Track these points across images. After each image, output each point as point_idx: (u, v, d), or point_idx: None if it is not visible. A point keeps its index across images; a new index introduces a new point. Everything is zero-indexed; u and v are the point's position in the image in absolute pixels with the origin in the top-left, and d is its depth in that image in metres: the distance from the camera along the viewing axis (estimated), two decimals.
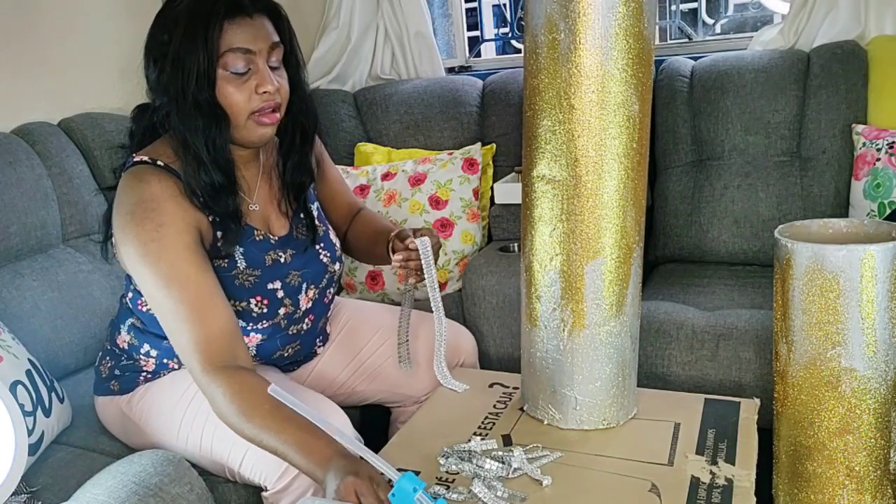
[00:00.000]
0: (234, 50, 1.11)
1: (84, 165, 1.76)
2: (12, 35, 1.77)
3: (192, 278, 1.11)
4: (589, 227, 1.09)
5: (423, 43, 2.44)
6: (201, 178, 1.13)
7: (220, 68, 1.11)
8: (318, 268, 1.31)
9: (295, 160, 1.28)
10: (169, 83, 1.11)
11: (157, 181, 1.12)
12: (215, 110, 1.12)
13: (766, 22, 2.38)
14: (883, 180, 1.74)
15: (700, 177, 2.01)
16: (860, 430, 1.05)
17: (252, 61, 1.13)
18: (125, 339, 1.30)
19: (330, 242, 1.35)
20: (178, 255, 1.10)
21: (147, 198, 1.11)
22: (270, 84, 1.13)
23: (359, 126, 2.35)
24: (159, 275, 1.10)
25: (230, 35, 1.10)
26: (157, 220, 1.10)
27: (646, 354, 1.56)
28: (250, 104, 1.13)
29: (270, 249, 1.24)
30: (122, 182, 1.16)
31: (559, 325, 1.14)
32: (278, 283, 1.23)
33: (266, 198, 1.27)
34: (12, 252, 1.57)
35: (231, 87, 1.12)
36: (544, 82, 1.07)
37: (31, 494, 1.17)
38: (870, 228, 1.11)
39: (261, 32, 1.13)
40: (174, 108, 1.12)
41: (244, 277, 1.20)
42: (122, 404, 1.30)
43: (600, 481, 1.03)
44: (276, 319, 1.25)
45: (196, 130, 1.12)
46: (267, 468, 1.15)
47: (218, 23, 1.10)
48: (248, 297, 1.20)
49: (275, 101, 1.16)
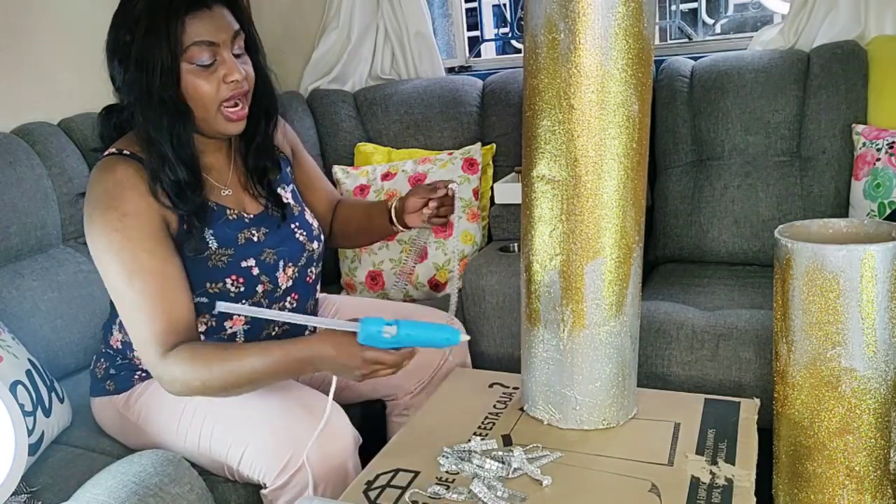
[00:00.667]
0: (199, 43, 1.12)
1: (84, 165, 1.76)
2: (12, 35, 1.77)
3: (154, 270, 1.12)
4: (589, 227, 1.09)
5: (423, 43, 2.44)
6: (167, 175, 1.14)
7: (184, 62, 1.12)
8: (295, 246, 1.31)
9: (258, 142, 1.29)
10: (133, 82, 1.12)
11: (122, 169, 1.14)
12: (180, 107, 1.13)
13: (766, 22, 2.38)
14: (883, 180, 1.74)
15: (700, 177, 2.01)
16: (860, 430, 1.05)
17: (217, 52, 1.14)
18: (117, 338, 1.30)
19: (305, 221, 1.36)
20: (142, 245, 1.12)
21: (111, 187, 1.13)
22: (238, 73, 1.15)
23: (359, 126, 2.35)
24: (122, 266, 1.11)
25: (192, 29, 1.11)
26: (122, 209, 1.12)
27: (646, 354, 1.56)
28: (219, 94, 1.15)
29: (244, 228, 1.25)
30: (91, 175, 1.18)
31: (559, 325, 1.14)
32: (252, 260, 1.24)
33: (237, 181, 1.29)
34: (12, 252, 1.57)
35: (199, 79, 1.13)
36: (544, 82, 1.07)
37: (31, 494, 1.17)
38: (870, 228, 1.11)
39: (222, 23, 1.14)
40: (139, 107, 1.13)
41: (217, 258, 1.21)
42: (118, 404, 1.30)
43: (600, 481, 1.03)
44: (256, 298, 1.25)
45: (161, 128, 1.13)
46: (266, 465, 1.15)
47: (179, 18, 1.10)
48: (223, 277, 1.21)
49: (243, 89, 1.17)
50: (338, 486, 1.15)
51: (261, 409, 1.18)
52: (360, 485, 1.05)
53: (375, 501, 1.01)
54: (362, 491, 1.04)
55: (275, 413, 1.17)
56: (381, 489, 1.04)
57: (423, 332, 1.07)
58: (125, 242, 1.11)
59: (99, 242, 1.13)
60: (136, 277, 1.11)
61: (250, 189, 1.30)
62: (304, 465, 1.12)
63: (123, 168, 1.14)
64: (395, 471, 1.08)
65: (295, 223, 1.33)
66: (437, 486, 1.03)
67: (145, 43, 1.10)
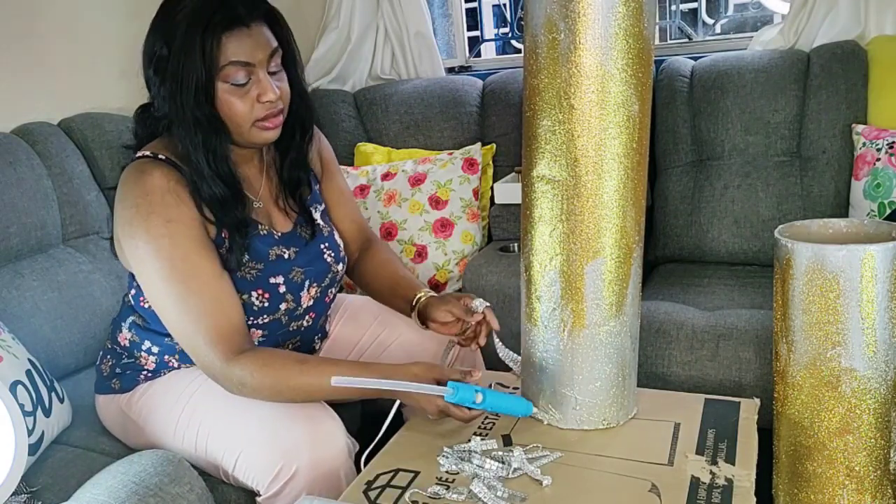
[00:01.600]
0: (234, 63, 1.10)
1: (84, 165, 1.76)
2: (13, 35, 1.77)
3: (209, 273, 1.12)
4: (589, 227, 1.09)
5: (423, 43, 2.44)
6: (207, 189, 1.14)
7: (219, 81, 1.11)
8: (322, 266, 1.31)
9: (292, 156, 1.28)
10: (169, 97, 1.11)
11: (159, 173, 1.12)
12: (214, 124, 1.13)
13: (766, 22, 2.38)
14: (883, 180, 1.74)
15: (700, 177, 2.01)
16: (860, 430, 1.05)
17: (252, 72, 1.13)
18: (126, 336, 1.30)
19: (334, 242, 1.36)
20: (192, 249, 1.12)
21: (150, 189, 1.11)
22: (272, 93, 1.14)
23: (359, 126, 2.35)
24: (175, 270, 1.10)
25: (229, 48, 1.10)
26: (165, 214, 1.10)
27: (646, 354, 1.56)
28: (253, 113, 1.14)
29: (274, 245, 1.25)
30: (123, 176, 1.15)
31: (559, 325, 1.14)
32: (280, 277, 1.24)
33: (268, 194, 1.28)
34: (12, 252, 1.57)
35: (233, 97, 1.12)
36: (544, 82, 1.07)
37: (31, 494, 1.17)
38: (870, 228, 1.11)
39: (259, 42, 1.13)
40: (175, 121, 1.12)
41: (246, 270, 1.20)
42: (122, 403, 1.30)
43: (600, 481, 1.03)
44: (278, 315, 1.25)
45: (196, 144, 1.12)
46: (259, 473, 1.14)
47: (216, 36, 1.09)
48: (249, 289, 1.20)
49: (278, 107, 1.16)
50: (330, 493, 1.14)
51: (255, 416, 1.17)
52: (360, 485, 1.05)
53: (375, 501, 1.01)
54: (362, 491, 1.04)
55: (268, 420, 1.16)
56: (381, 489, 1.04)
57: (502, 403, 1.15)
58: (174, 248, 1.10)
59: (145, 249, 1.11)
60: (192, 279, 1.11)
61: (281, 203, 1.29)
62: (297, 473, 1.12)
63: (160, 173, 1.12)
64: (395, 471, 1.08)
65: (324, 243, 1.33)
66: (437, 486, 1.03)
67: (181, 59, 1.09)
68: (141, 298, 1.26)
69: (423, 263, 1.98)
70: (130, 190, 1.13)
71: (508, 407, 1.16)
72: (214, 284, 1.13)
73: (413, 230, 2.00)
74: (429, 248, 1.98)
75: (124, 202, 1.13)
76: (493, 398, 1.12)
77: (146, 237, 1.11)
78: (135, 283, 1.26)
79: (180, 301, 1.11)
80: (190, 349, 1.14)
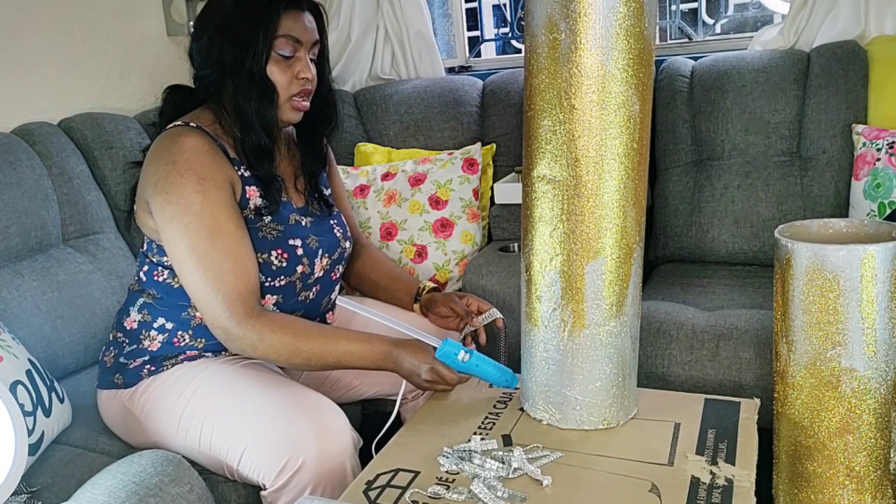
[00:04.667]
0: (287, 37, 1.24)
1: (84, 165, 1.76)
2: (13, 35, 1.77)
3: (234, 232, 1.20)
4: (589, 227, 1.09)
5: (423, 43, 2.44)
6: (250, 140, 1.24)
7: (272, 50, 1.23)
8: (333, 240, 1.39)
9: (313, 147, 1.40)
10: (225, 55, 1.23)
11: (193, 137, 1.21)
12: (267, 83, 1.24)
13: (766, 22, 2.38)
14: (883, 180, 1.74)
15: (700, 177, 2.01)
16: (860, 430, 1.05)
17: (297, 49, 1.26)
18: (135, 319, 1.31)
19: (342, 221, 1.45)
20: (221, 208, 1.19)
21: (187, 149, 1.19)
22: (310, 72, 1.27)
23: (359, 126, 2.35)
24: (203, 227, 1.17)
25: (285, 23, 1.24)
26: (200, 172, 1.18)
27: (646, 354, 1.56)
28: (290, 87, 1.26)
29: (293, 212, 1.33)
30: (157, 142, 1.24)
31: (559, 325, 1.14)
32: (298, 240, 1.31)
33: (286, 172, 1.37)
34: (12, 252, 1.57)
35: (277, 67, 1.25)
36: (544, 82, 1.07)
37: (31, 494, 1.17)
38: (870, 228, 1.11)
39: (310, 27, 1.28)
40: (229, 77, 1.23)
41: (268, 230, 1.27)
42: (124, 399, 1.30)
43: (600, 481, 1.03)
44: (293, 278, 1.30)
45: (249, 98, 1.23)
46: (265, 467, 1.15)
47: (277, 11, 1.23)
48: (269, 248, 1.27)
49: (309, 88, 1.29)
50: (336, 488, 1.15)
51: (260, 410, 1.18)
52: (360, 485, 1.05)
53: (375, 501, 1.01)
54: (362, 491, 1.04)
55: (274, 414, 1.17)
56: (381, 489, 1.04)
57: (488, 367, 1.23)
58: (206, 204, 1.17)
59: (177, 204, 1.17)
60: (217, 238, 1.17)
61: (297, 184, 1.38)
62: (303, 466, 1.12)
63: (194, 137, 1.21)
64: (395, 471, 1.08)
65: (334, 220, 1.42)
66: (437, 486, 1.03)
67: (244, 23, 1.22)
68: (155, 273, 1.30)
69: (423, 263, 1.97)
70: (166, 150, 1.20)
71: (493, 374, 1.23)
72: (237, 246, 1.19)
73: (413, 230, 2.00)
74: (429, 248, 1.98)
75: (158, 161, 1.20)
76: (479, 360, 1.22)
77: (180, 192, 1.17)
78: (147, 259, 1.32)
79: (205, 257, 1.17)
80: (206, 306, 1.19)
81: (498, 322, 1.42)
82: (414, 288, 1.49)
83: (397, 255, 1.99)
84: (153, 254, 1.30)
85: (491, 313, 1.42)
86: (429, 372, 1.20)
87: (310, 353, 1.20)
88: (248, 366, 1.28)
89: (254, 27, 1.22)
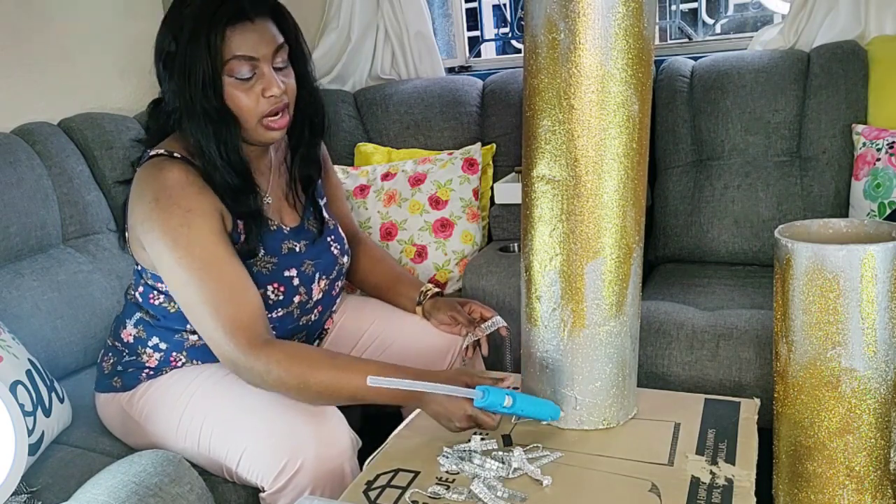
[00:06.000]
0: (238, 57, 1.12)
1: (84, 165, 1.76)
2: (13, 35, 1.77)
3: (226, 261, 1.14)
4: (589, 227, 1.09)
5: (423, 43, 2.44)
6: (220, 179, 1.16)
7: (225, 75, 1.13)
8: (329, 258, 1.34)
9: (303, 153, 1.31)
10: (178, 91, 1.13)
11: (177, 170, 1.15)
12: (224, 116, 1.14)
13: (766, 22, 2.38)
14: (883, 180, 1.74)
15: (700, 177, 2.01)
16: (860, 430, 1.05)
17: (256, 66, 1.14)
18: (131, 332, 1.30)
19: (339, 236, 1.40)
20: (211, 239, 1.13)
21: (170, 184, 1.13)
22: (276, 87, 1.15)
23: (359, 126, 2.35)
24: (193, 259, 1.11)
25: (233, 42, 1.12)
26: (184, 205, 1.12)
27: (646, 354, 1.56)
28: (258, 108, 1.16)
29: (285, 239, 1.27)
30: (139, 174, 1.18)
31: (559, 325, 1.14)
32: (294, 270, 1.27)
33: (278, 191, 1.31)
34: (12, 252, 1.57)
35: (238, 91, 1.14)
36: (544, 82, 1.07)
37: (31, 494, 1.17)
38: (870, 228, 1.11)
39: (264, 37, 1.14)
40: (185, 115, 1.14)
41: (262, 264, 1.23)
42: (122, 402, 1.30)
43: (600, 481, 1.03)
44: (291, 308, 1.27)
45: (208, 136, 1.14)
46: (263, 469, 1.15)
47: (220, 31, 1.11)
48: (265, 283, 1.23)
49: (282, 103, 1.18)
50: (335, 489, 1.14)
51: (259, 412, 1.18)
52: (360, 485, 1.05)
53: (375, 501, 1.01)
54: (362, 491, 1.04)
55: (273, 416, 1.17)
56: (381, 489, 1.04)
57: (531, 407, 1.12)
58: (194, 237, 1.12)
59: (164, 240, 1.12)
60: (213, 269, 1.12)
61: (290, 199, 1.31)
62: (302, 467, 1.12)
63: (177, 169, 1.14)
64: (395, 471, 1.08)
65: (331, 236, 1.36)
66: (437, 486, 1.03)
67: (188, 53, 1.11)
68: (150, 295, 1.27)
69: (423, 263, 1.98)
70: (149, 185, 1.15)
71: (538, 411, 1.13)
72: (233, 273, 1.14)
73: (413, 230, 2.00)
74: (429, 249, 1.98)
75: (143, 197, 1.15)
76: (524, 402, 1.10)
77: (165, 227, 1.12)
78: (142, 280, 1.27)
79: (200, 289, 1.12)
80: (211, 341, 1.15)
81: (501, 331, 1.38)
82: (416, 290, 1.45)
83: (397, 255, 1.99)
84: (147, 276, 1.27)
85: (494, 321, 1.37)
86: (465, 419, 1.10)
87: (321, 385, 1.12)
88: None
89: (197, 57, 1.10)
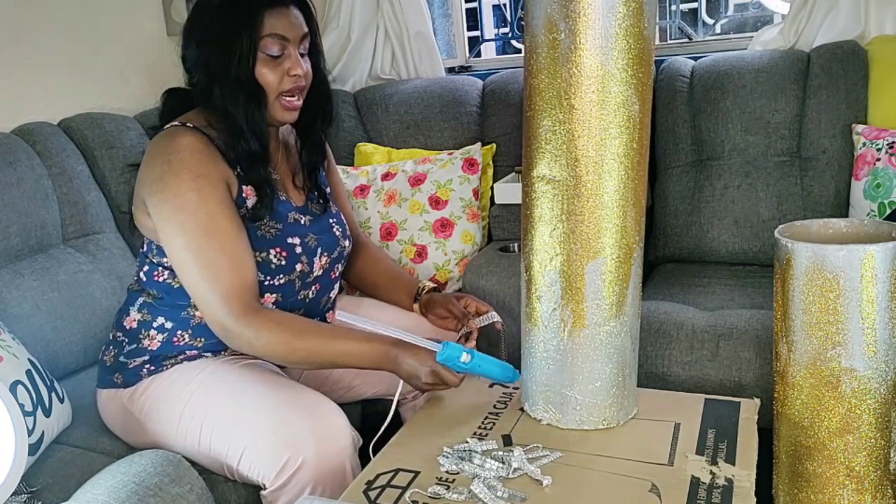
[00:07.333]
0: (273, 35, 1.22)
1: (84, 165, 1.76)
2: (13, 35, 1.77)
3: (231, 229, 1.19)
4: (589, 227, 1.09)
5: (423, 43, 2.44)
6: (240, 146, 1.23)
7: (258, 51, 1.22)
8: (332, 238, 1.39)
9: (313, 139, 1.39)
10: (211, 62, 1.22)
11: (189, 136, 1.20)
12: (254, 87, 1.23)
13: (766, 22, 2.38)
14: (883, 180, 1.74)
15: (700, 177, 2.01)
16: (860, 430, 1.05)
17: (286, 47, 1.24)
18: (135, 318, 1.31)
19: (341, 220, 1.45)
20: (217, 206, 1.19)
21: (182, 148, 1.19)
22: (300, 68, 1.25)
23: (359, 126, 2.35)
24: (198, 224, 1.17)
25: (269, 22, 1.22)
26: (195, 170, 1.18)
27: (646, 354, 1.56)
28: (281, 85, 1.24)
29: (291, 210, 1.33)
30: (152, 142, 1.25)
31: (559, 325, 1.14)
32: (297, 239, 1.31)
33: (283, 170, 1.37)
34: (12, 252, 1.57)
35: (266, 68, 1.23)
36: (544, 82, 1.07)
37: (31, 494, 1.17)
38: (870, 228, 1.11)
39: (295, 22, 1.25)
40: (217, 84, 1.22)
41: (266, 228, 1.27)
42: (124, 399, 1.30)
43: (600, 481, 1.03)
44: (293, 276, 1.30)
45: (237, 104, 1.22)
46: (264, 466, 1.15)
47: (259, 11, 1.21)
48: (268, 247, 1.27)
49: (301, 84, 1.27)
50: (336, 487, 1.15)
51: (260, 409, 1.18)
52: (360, 485, 1.05)
53: (375, 501, 1.01)
54: (362, 491, 1.04)
55: (274, 413, 1.17)
56: (381, 489, 1.04)
57: (489, 366, 1.22)
58: (201, 202, 1.17)
59: (172, 203, 1.17)
60: (213, 236, 1.17)
61: (296, 181, 1.38)
62: (303, 465, 1.12)
63: (189, 136, 1.20)
64: (395, 471, 1.08)
65: (333, 219, 1.42)
66: (437, 486, 1.03)
67: (227, 28, 1.21)
68: (155, 273, 1.30)
69: (423, 263, 1.97)
70: (161, 150, 1.20)
71: (495, 371, 1.23)
72: (234, 243, 1.19)
73: (413, 230, 2.00)
74: (429, 249, 1.98)
75: (154, 160, 1.20)
76: (481, 360, 1.20)
77: (175, 191, 1.17)
78: (147, 259, 1.32)
79: (201, 255, 1.17)
80: (204, 303, 1.19)
81: (497, 325, 1.41)
82: (414, 288, 1.49)
83: (397, 255, 1.99)
84: (153, 254, 1.30)
85: (489, 316, 1.41)
86: (429, 375, 1.18)
87: (306, 351, 1.19)
88: (248, 365, 1.28)
89: (237, 31, 1.20)
